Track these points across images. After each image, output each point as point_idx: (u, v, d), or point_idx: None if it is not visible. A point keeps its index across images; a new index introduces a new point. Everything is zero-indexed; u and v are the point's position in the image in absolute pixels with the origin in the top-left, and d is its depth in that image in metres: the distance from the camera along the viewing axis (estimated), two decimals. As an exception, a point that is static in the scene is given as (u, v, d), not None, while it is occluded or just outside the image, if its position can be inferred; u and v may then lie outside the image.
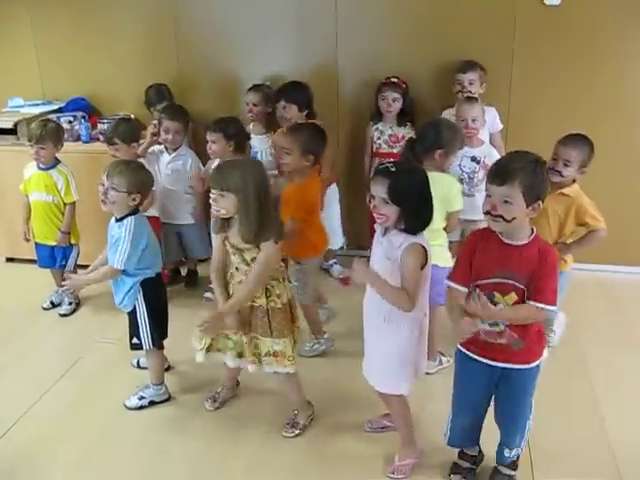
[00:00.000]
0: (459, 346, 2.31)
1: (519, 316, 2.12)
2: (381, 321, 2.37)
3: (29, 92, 4.52)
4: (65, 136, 4.10)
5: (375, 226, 2.42)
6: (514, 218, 2.04)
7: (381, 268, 2.32)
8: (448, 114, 3.74)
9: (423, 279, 2.31)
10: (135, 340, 2.90)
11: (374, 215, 2.32)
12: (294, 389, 2.78)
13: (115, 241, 2.75)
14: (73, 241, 3.78)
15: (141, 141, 3.78)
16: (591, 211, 2.96)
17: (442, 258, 2.83)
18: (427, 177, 2.33)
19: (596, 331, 3.46)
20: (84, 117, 4.23)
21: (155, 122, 3.82)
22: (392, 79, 3.84)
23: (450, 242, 3.71)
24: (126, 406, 2.96)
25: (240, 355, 2.67)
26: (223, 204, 2.41)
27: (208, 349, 2.70)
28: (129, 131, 3.65)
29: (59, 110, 4.38)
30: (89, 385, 3.17)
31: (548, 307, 2.07)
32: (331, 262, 4.26)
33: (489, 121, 3.70)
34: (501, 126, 3.81)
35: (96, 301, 3.89)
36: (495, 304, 2.12)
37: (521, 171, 2.03)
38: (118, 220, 2.78)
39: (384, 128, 3.89)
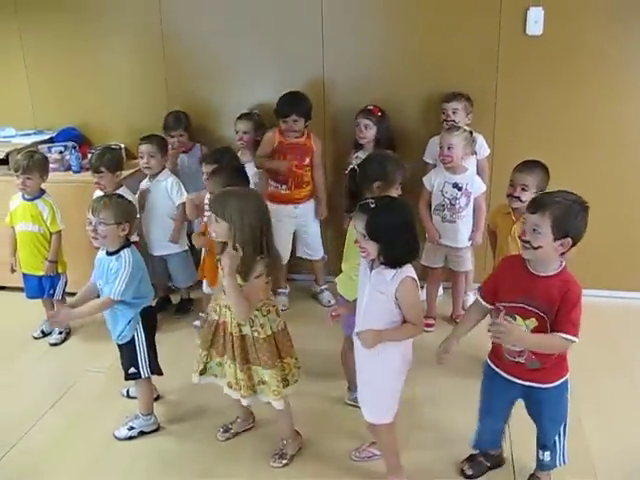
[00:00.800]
0: (488, 360, 2.46)
1: (543, 345, 2.22)
2: (374, 355, 2.39)
3: (21, 122, 4.57)
4: (56, 166, 4.20)
5: (361, 260, 2.46)
6: (540, 247, 2.13)
7: (372, 301, 2.36)
8: (434, 141, 3.83)
9: None
10: (132, 370, 2.91)
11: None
12: (285, 419, 2.79)
13: (114, 273, 2.77)
14: (60, 270, 3.80)
15: (124, 172, 3.88)
16: None
17: (350, 290, 2.78)
18: (410, 212, 2.37)
19: (581, 355, 3.48)
20: (74, 147, 4.28)
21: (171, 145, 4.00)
22: (368, 107, 3.90)
23: (433, 269, 3.81)
24: (116, 437, 2.98)
25: (230, 385, 2.69)
26: (216, 228, 2.46)
27: (202, 372, 2.73)
28: (115, 160, 3.73)
29: (50, 140, 4.42)
30: (79, 415, 3.18)
31: (573, 338, 2.14)
32: (321, 288, 4.30)
33: (476, 147, 3.75)
34: (488, 152, 3.87)
35: (86, 330, 3.92)
36: None
37: (555, 205, 2.12)
38: (111, 254, 2.81)
39: (363, 156, 3.90)
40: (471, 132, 3.58)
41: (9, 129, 4.53)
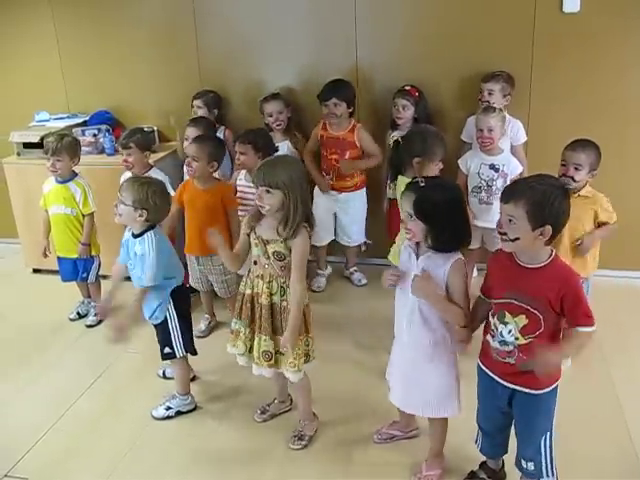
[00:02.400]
0: (478, 361, 2.33)
1: (578, 348, 2.11)
2: (427, 361, 2.37)
3: (55, 106, 4.61)
4: (90, 149, 4.23)
5: (403, 247, 2.43)
6: (517, 238, 2.01)
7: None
8: (471, 121, 3.79)
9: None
10: (167, 350, 2.93)
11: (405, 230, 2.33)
12: (303, 398, 2.80)
13: (140, 257, 2.77)
14: (94, 252, 3.83)
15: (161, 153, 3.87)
16: (609, 208, 3.01)
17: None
18: (459, 194, 2.32)
19: (618, 335, 3.44)
20: (108, 130, 4.30)
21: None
22: (405, 87, 3.86)
23: (470, 250, 3.75)
24: (153, 416, 3.00)
25: (257, 363, 2.67)
26: (269, 200, 2.44)
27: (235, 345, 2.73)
28: (145, 139, 3.74)
29: (84, 123, 4.45)
30: (116, 396, 3.21)
31: (589, 329, 2.04)
32: (351, 270, 4.29)
33: (513, 133, 3.72)
34: (525, 139, 3.79)
35: (122, 312, 3.93)
36: (505, 324, 2.13)
37: (528, 191, 1.98)
38: (136, 236, 2.80)
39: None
40: (500, 110, 3.53)
41: (43, 113, 4.56)
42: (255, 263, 2.60)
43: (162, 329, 2.92)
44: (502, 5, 3.82)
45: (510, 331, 2.12)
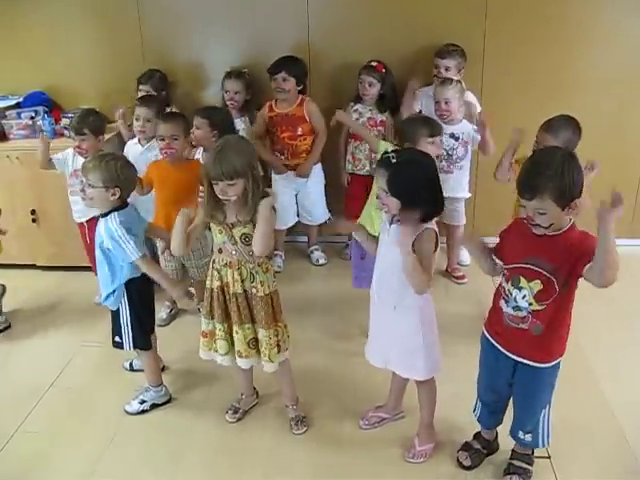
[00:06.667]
0: (484, 329, 2.33)
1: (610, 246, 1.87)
2: (391, 309, 2.38)
3: (-18, 87, 4.28)
4: (27, 132, 3.99)
5: (382, 214, 2.40)
6: (552, 224, 2.02)
7: (390, 254, 2.29)
8: (425, 91, 3.82)
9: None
10: (117, 339, 2.81)
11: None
12: (288, 380, 2.77)
13: (110, 239, 2.60)
14: None
15: (107, 135, 3.64)
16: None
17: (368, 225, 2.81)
18: (433, 166, 2.30)
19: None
20: (46, 112, 4.04)
21: None
22: (372, 63, 3.80)
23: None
24: (127, 411, 2.87)
25: (240, 355, 2.60)
26: (234, 191, 2.35)
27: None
28: (99, 123, 3.50)
29: (17, 105, 4.16)
30: (83, 392, 3.04)
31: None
32: (312, 248, 4.25)
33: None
34: (479, 109, 3.81)
35: (70, 303, 3.80)
36: (520, 289, 2.13)
37: (549, 182, 1.95)
38: (104, 215, 2.65)
39: (363, 110, 3.86)
40: (458, 81, 3.55)
41: (-34, 94, 4.24)
42: (220, 251, 2.50)
43: (114, 318, 2.79)
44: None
45: (524, 296, 2.12)
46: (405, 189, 2.20)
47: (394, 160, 2.22)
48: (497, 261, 2.25)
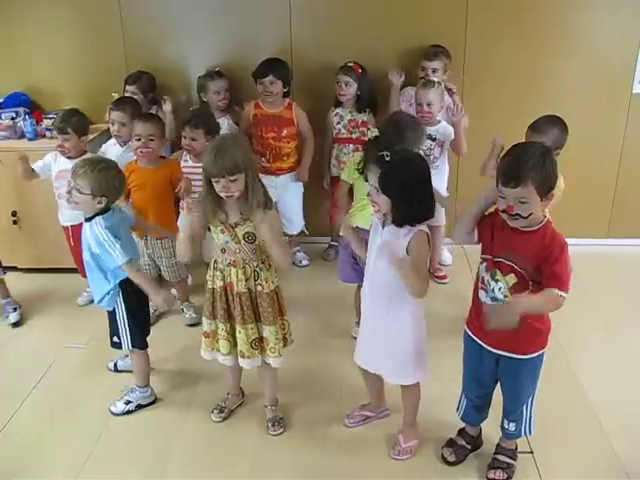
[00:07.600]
0: (466, 327, 2.38)
1: (537, 302, 2.07)
2: (383, 313, 2.40)
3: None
4: (8, 133, 3.96)
5: (373, 216, 2.43)
6: (531, 214, 2.06)
7: (381, 259, 2.29)
8: (408, 92, 3.85)
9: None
10: (116, 339, 2.81)
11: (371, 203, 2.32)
12: (273, 383, 2.79)
13: (96, 244, 2.60)
14: None
15: (90, 136, 3.63)
16: (560, 186, 3.02)
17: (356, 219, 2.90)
18: (426, 168, 2.31)
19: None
20: (27, 113, 4.01)
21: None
22: (348, 63, 3.82)
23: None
24: (112, 412, 2.86)
25: (242, 355, 2.62)
26: (236, 187, 2.36)
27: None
28: (82, 122, 3.49)
29: (-2, 106, 4.13)
30: (68, 394, 3.02)
31: (560, 292, 2.04)
32: (294, 250, 4.25)
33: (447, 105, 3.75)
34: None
35: (51, 305, 3.77)
36: (497, 281, 2.18)
37: (532, 169, 2.02)
38: (87, 220, 2.65)
39: (344, 113, 3.90)
40: (439, 82, 3.58)
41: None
42: (223, 251, 2.51)
43: (111, 318, 2.79)
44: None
45: (500, 288, 2.18)
46: (396, 187, 2.22)
47: (387, 158, 2.25)
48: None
